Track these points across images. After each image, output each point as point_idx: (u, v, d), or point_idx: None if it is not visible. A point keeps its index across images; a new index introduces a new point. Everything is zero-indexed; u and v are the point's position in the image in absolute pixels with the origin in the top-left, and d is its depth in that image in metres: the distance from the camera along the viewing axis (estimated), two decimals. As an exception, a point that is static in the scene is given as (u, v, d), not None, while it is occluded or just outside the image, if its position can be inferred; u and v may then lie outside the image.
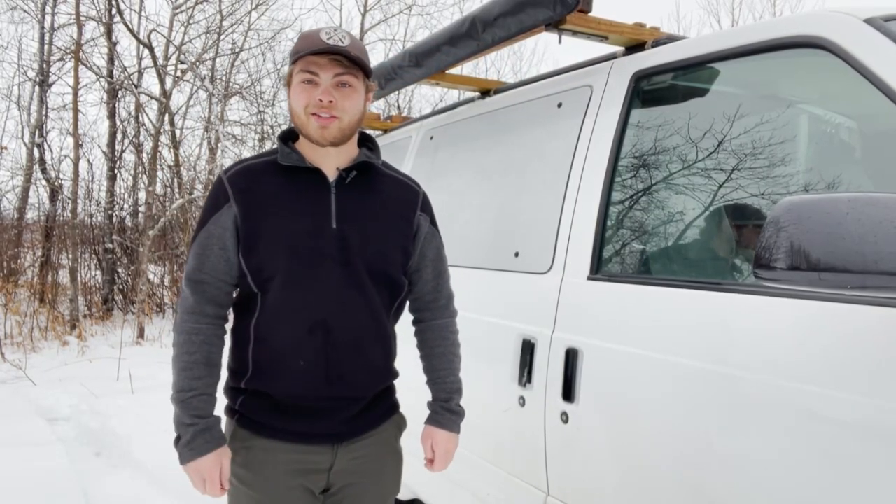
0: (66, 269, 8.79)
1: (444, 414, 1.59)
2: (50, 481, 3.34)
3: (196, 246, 1.40)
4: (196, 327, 1.39)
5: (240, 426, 1.43)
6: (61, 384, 5.44)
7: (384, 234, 1.45)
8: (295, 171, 1.41)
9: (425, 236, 1.54)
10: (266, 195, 1.38)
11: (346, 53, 1.34)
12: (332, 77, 1.36)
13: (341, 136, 1.38)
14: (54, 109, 10.07)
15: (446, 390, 1.59)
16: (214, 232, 1.38)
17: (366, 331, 1.42)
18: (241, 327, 1.44)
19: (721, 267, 1.59)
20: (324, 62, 1.35)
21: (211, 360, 1.40)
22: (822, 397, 1.17)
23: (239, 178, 1.40)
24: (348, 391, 1.42)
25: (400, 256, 1.48)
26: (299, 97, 1.37)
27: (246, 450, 1.41)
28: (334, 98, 1.35)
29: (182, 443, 1.36)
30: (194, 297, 1.40)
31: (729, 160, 1.56)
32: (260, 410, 1.41)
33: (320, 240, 1.37)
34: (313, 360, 1.38)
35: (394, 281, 1.48)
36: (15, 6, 9.61)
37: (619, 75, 1.87)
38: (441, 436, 1.57)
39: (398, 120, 3.51)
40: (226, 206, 1.38)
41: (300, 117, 1.38)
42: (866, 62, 1.25)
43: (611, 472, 1.58)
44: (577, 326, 1.73)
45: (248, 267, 1.38)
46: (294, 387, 1.39)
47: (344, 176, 1.43)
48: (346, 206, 1.41)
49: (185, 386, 1.37)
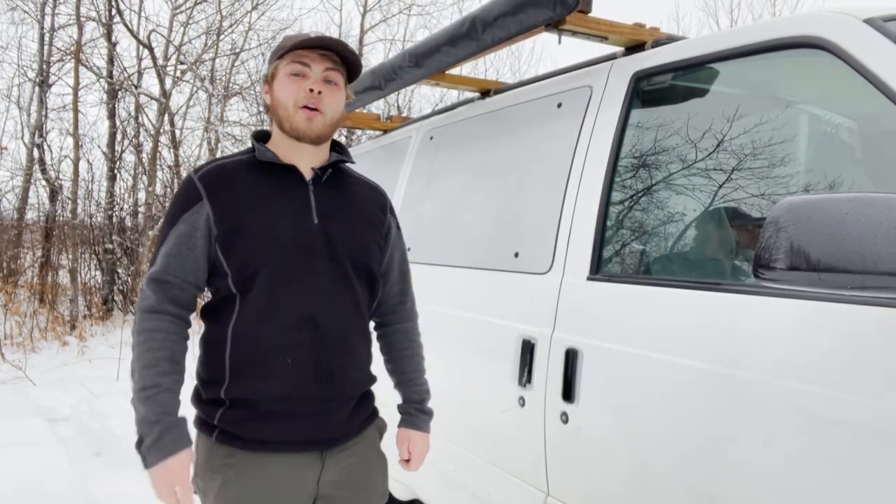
0: (66, 269, 8.79)
1: (418, 416, 1.60)
2: (50, 481, 3.34)
3: (164, 246, 1.34)
4: (158, 325, 1.31)
5: (219, 443, 1.33)
6: (61, 384, 5.44)
7: (363, 232, 1.46)
8: (271, 169, 1.39)
9: (394, 239, 1.56)
10: (244, 193, 1.35)
11: (337, 49, 1.36)
12: (322, 70, 1.36)
13: (324, 131, 1.38)
14: (54, 110, 10.08)
15: (418, 392, 1.61)
16: (185, 231, 1.32)
17: (352, 326, 1.41)
18: (215, 332, 1.36)
19: (721, 267, 1.59)
20: (315, 56, 1.36)
21: (174, 359, 1.31)
22: (821, 397, 1.17)
23: (212, 177, 1.36)
24: (337, 389, 1.39)
25: (377, 254, 1.49)
26: (287, 88, 1.36)
27: (228, 467, 1.32)
28: (323, 90, 1.36)
29: (147, 444, 1.24)
30: (156, 295, 1.32)
31: (729, 160, 1.56)
32: (243, 421, 1.33)
33: (305, 235, 1.36)
34: (301, 356, 1.33)
35: (375, 277, 1.48)
36: (15, 6, 9.61)
37: (618, 75, 1.87)
38: (417, 437, 1.60)
39: (398, 120, 3.52)
40: (198, 205, 1.33)
41: (287, 109, 1.36)
42: (866, 62, 1.25)
43: (611, 473, 1.58)
44: (576, 327, 1.73)
45: (230, 265, 1.33)
46: (281, 387, 1.33)
47: (320, 175, 1.42)
48: (325, 203, 1.40)
49: (149, 383, 1.26)
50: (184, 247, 1.33)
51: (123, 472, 3.51)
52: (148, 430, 1.25)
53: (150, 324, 1.32)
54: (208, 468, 1.34)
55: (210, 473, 1.33)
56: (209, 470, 1.33)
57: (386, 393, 1.62)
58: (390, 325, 1.62)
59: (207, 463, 1.34)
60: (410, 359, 1.62)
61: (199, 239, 1.33)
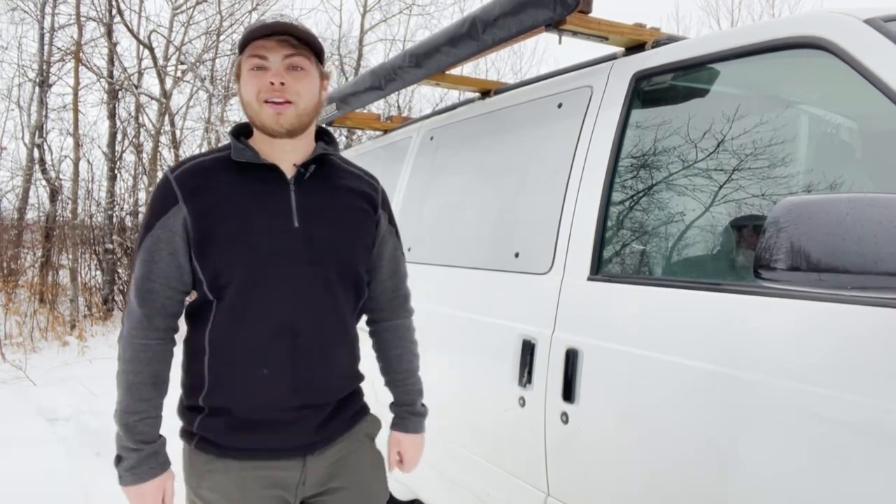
0: (67, 269, 8.79)
1: (409, 418, 1.57)
2: (50, 481, 3.34)
3: (143, 252, 1.29)
4: (144, 344, 1.29)
5: (198, 450, 1.33)
6: (61, 384, 5.44)
7: (349, 231, 1.39)
8: (250, 168, 1.31)
9: (383, 234, 1.48)
10: (219, 195, 1.28)
11: (293, 32, 1.25)
12: (281, 59, 1.26)
13: (298, 122, 1.29)
14: (54, 110, 10.09)
15: (408, 392, 1.57)
16: (162, 236, 1.27)
17: (332, 333, 1.36)
18: (195, 338, 1.33)
19: (721, 267, 1.59)
20: (271, 44, 1.26)
21: (158, 378, 1.31)
22: (822, 398, 1.17)
23: (188, 178, 1.30)
24: (315, 398, 1.34)
25: (364, 253, 1.43)
26: (249, 85, 1.27)
27: (209, 473, 1.32)
28: (286, 81, 1.26)
29: (124, 466, 1.28)
30: (142, 308, 1.28)
31: (729, 161, 1.56)
32: (220, 430, 1.31)
33: (282, 240, 1.29)
34: (278, 367, 1.29)
35: (360, 279, 1.42)
36: (15, 6, 9.62)
37: (619, 76, 1.87)
38: (408, 440, 1.56)
39: (398, 120, 3.52)
40: (174, 208, 1.27)
41: (252, 107, 1.28)
42: (866, 62, 1.25)
43: (611, 473, 1.58)
44: (577, 327, 1.72)
45: (204, 273, 1.28)
46: (257, 398, 1.30)
47: (302, 172, 1.34)
48: (308, 203, 1.33)
49: (130, 408, 1.28)
50: (164, 251, 1.28)
51: (123, 472, 3.51)
52: (126, 455, 1.29)
53: (137, 341, 1.29)
54: (193, 474, 1.34)
55: (196, 480, 1.34)
56: (194, 476, 1.34)
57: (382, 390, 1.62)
58: (380, 321, 1.57)
59: (191, 469, 1.35)
60: (400, 357, 1.56)
61: (179, 243, 1.28)
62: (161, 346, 1.31)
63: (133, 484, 1.29)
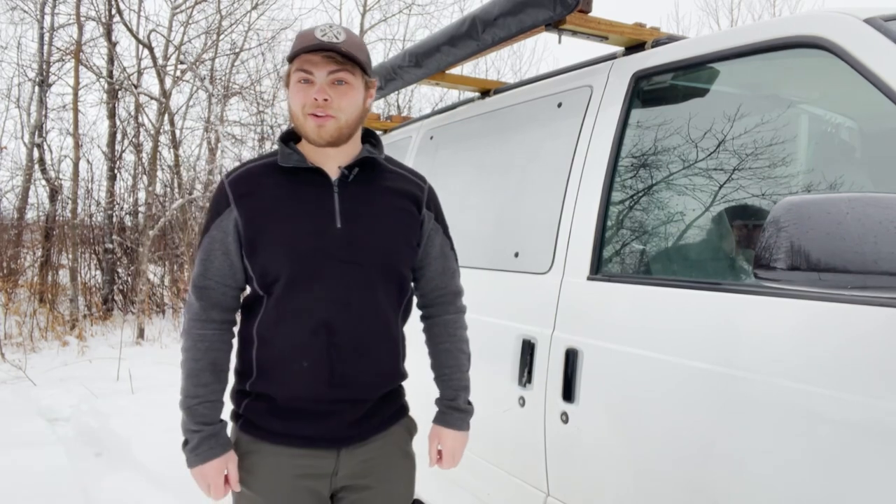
0: (66, 269, 8.79)
1: (450, 413, 1.58)
2: (50, 481, 3.35)
3: (200, 252, 1.41)
4: (201, 333, 1.40)
5: (242, 431, 1.44)
6: (61, 384, 5.45)
7: (392, 232, 1.43)
8: (296, 171, 1.40)
9: (429, 233, 1.53)
10: (266, 198, 1.38)
11: (338, 49, 1.30)
12: (326, 75, 1.33)
13: (339, 135, 1.36)
14: (54, 109, 10.09)
15: (452, 387, 1.58)
16: (217, 237, 1.39)
17: (371, 332, 1.41)
18: (246, 329, 1.44)
19: (721, 267, 1.59)
20: (318, 60, 1.32)
21: (217, 365, 1.41)
22: (822, 397, 1.17)
23: (240, 183, 1.40)
24: (351, 393, 1.40)
25: (408, 253, 1.48)
26: (296, 97, 1.36)
27: (249, 454, 1.42)
28: (329, 97, 1.33)
29: (189, 448, 1.39)
30: (199, 302, 1.40)
31: (729, 160, 1.56)
32: (262, 414, 1.41)
33: (324, 240, 1.36)
34: (317, 361, 1.37)
35: (404, 278, 1.48)
36: (15, 6, 9.61)
37: (619, 75, 1.87)
38: (447, 435, 1.57)
39: (398, 120, 3.51)
40: (227, 211, 1.38)
41: (298, 118, 1.37)
42: (866, 62, 1.25)
43: (611, 473, 1.58)
44: (577, 326, 1.73)
45: (254, 270, 1.39)
46: (297, 389, 1.38)
47: (346, 174, 1.41)
48: (351, 204, 1.40)
49: (190, 392, 1.39)
50: (218, 251, 1.39)
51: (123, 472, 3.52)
52: (189, 437, 1.39)
53: (195, 332, 1.41)
54: (239, 453, 1.43)
55: (241, 459, 1.43)
56: (240, 455, 1.43)
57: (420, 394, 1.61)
58: (431, 317, 1.61)
59: (235, 449, 1.43)
60: (447, 352, 1.59)
61: (231, 243, 1.39)
62: (217, 336, 1.42)
63: (196, 465, 1.38)
